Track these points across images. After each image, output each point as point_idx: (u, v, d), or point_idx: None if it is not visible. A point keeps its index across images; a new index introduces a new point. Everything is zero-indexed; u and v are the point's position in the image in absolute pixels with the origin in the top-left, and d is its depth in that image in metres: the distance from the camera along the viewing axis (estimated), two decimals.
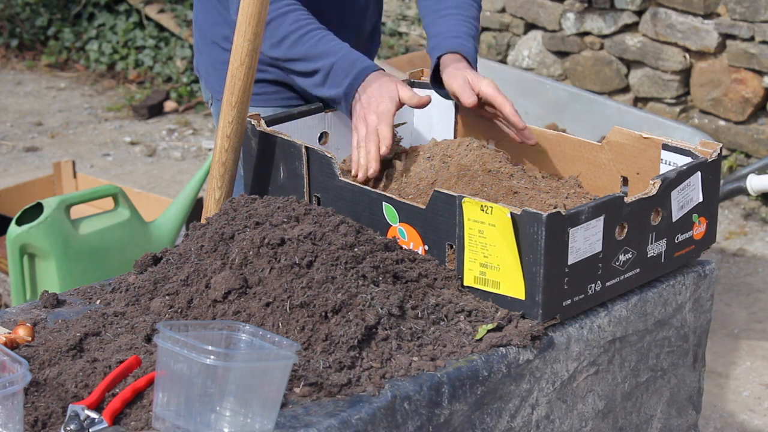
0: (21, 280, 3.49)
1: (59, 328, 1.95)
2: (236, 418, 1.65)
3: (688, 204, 2.13)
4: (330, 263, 1.89)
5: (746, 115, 5.20)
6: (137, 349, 1.85)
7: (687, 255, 2.18)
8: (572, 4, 5.54)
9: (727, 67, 5.19)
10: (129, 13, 7.24)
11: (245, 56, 2.21)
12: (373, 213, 2.12)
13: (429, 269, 2.02)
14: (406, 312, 1.90)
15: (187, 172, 5.83)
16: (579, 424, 2.07)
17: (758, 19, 5.03)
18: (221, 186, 2.28)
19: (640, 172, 2.26)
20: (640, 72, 5.44)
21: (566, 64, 5.70)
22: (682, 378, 2.25)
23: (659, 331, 2.16)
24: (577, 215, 1.94)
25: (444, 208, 2.02)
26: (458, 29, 2.51)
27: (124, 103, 6.74)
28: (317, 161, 2.21)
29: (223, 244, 1.98)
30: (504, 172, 2.25)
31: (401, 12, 6.43)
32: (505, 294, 1.97)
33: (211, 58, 2.69)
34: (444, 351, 1.88)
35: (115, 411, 1.70)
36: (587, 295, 2.01)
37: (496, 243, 1.95)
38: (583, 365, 2.04)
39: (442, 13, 2.56)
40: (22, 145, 6.19)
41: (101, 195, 3.62)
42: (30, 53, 7.46)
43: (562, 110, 4.74)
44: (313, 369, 1.78)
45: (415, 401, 1.80)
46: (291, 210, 2.03)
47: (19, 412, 1.61)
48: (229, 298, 1.89)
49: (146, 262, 2.12)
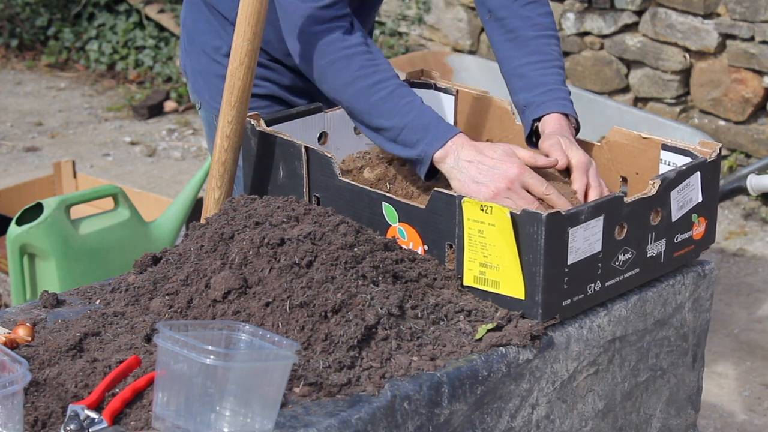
0: (21, 280, 3.49)
1: (59, 328, 1.95)
2: (236, 417, 1.65)
3: (688, 204, 2.14)
4: (330, 263, 1.89)
5: (746, 115, 5.20)
6: (137, 349, 1.86)
7: (686, 255, 2.18)
8: (572, 4, 5.54)
9: (727, 67, 5.19)
10: (129, 13, 7.24)
11: (245, 56, 2.21)
12: (372, 213, 2.12)
13: (429, 269, 2.02)
14: (405, 312, 1.90)
15: (187, 172, 5.83)
16: (579, 423, 2.07)
17: (758, 19, 5.03)
18: (221, 186, 2.28)
19: (640, 172, 2.26)
20: (640, 72, 5.44)
21: (566, 64, 5.70)
22: (681, 378, 2.25)
23: (659, 331, 2.16)
24: (576, 215, 1.94)
25: (444, 207, 2.02)
26: (549, 79, 2.33)
27: (124, 103, 6.74)
28: (317, 161, 2.21)
29: (223, 244, 1.98)
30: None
31: (401, 12, 6.43)
32: (504, 294, 1.98)
33: (200, 67, 2.62)
34: (444, 351, 1.88)
35: (115, 411, 1.70)
36: (587, 295, 2.01)
37: (495, 243, 1.95)
38: (582, 365, 2.04)
39: (524, 60, 2.36)
40: (22, 145, 6.19)
41: (101, 195, 3.62)
42: (30, 53, 7.46)
43: None
44: (313, 369, 1.78)
45: (415, 401, 1.80)
46: (291, 210, 2.03)
47: (19, 412, 1.61)
48: (229, 298, 1.89)
49: (146, 262, 2.12)
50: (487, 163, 2.09)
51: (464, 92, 2.51)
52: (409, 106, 2.17)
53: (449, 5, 6.25)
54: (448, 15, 6.27)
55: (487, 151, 2.11)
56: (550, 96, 2.30)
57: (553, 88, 2.31)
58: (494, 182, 2.08)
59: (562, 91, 2.32)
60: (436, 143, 2.13)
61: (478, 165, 2.10)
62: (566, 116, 2.29)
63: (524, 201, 2.06)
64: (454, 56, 5.05)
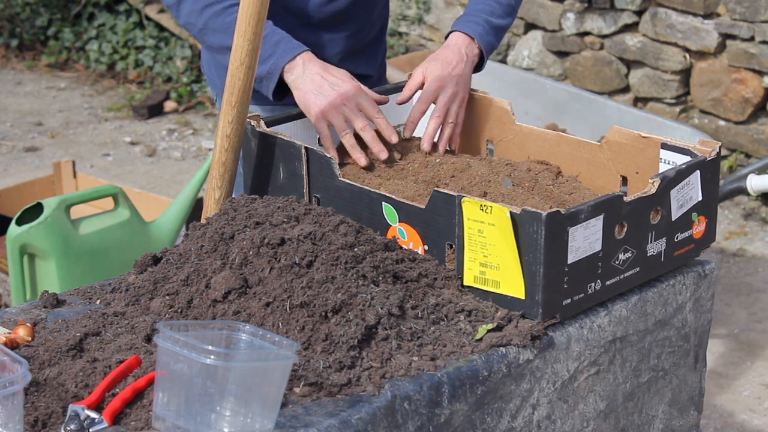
0: (21, 280, 3.49)
1: (59, 328, 1.95)
2: (236, 418, 1.65)
3: (688, 203, 2.14)
4: (330, 263, 1.89)
5: (746, 115, 5.20)
6: (137, 349, 1.85)
7: (687, 254, 2.18)
8: (572, 4, 5.54)
9: (727, 67, 5.19)
10: (129, 13, 7.24)
11: (245, 56, 2.21)
12: (372, 213, 2.12)
13: (429, 269, 2.02)
14: (406, 312, 1.90)
15: (187, 172, 5.83)
16: (580, 424, 2.07)
17: (758, 19, 5.03)
18: (221, 186, 2.28)
19: (640, 172, 2.26)
20: (640, 72, 5.44)
21: (566, 64, 5.70)
22: (683, 378, 2.25)
23: (660, 331, 2.16)
24: (576, 214, 1.94)
25: (443, 207, 2.02)
26: (475, 8, 2.53)
27: (124, 103, 6.74)
28: (317, 162, 2.21)
29: (223, 244, 1.98)
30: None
31: (401, 12, 6.43)
32: (505, 293, 1.97)
33: (214, 60, 2.65)
34: (444, 351, 1.88)
35: (115, 411, 1.70)
36: (587, 294, 2.01)
37: (495, 242, 1.95)
38: (583, 365, 2.04)
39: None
40: (22, 145, 6.19)
41: (101, 195, 3.61)
42: (30, 53, 7.46)
43: (562, 110, 4.74)
44: (313, 369, 1.78)
45: (415, 401, 1.80)
46: (291, 210, 2.03)
47: (19, 412, 1.61)
48: (229, 298, 1.89)
49: (146, 262, 2.12)
50: (329, 80, 2.31)
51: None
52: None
53: (449, 5, 6.25)
54: (448, 15, 6.27)
55: (331, 69, 2.34)
56: (466, 19, 2.51)
57: (473, 14, 2.51)
58: (332, 96, 2.29)
59: (480, 17, 2.50)
60: (286, 56, 2.33)
61: (322, 80, 2.31)
62: (469, 37, 2.48)
63: (355, 118, 2.30)
64: None
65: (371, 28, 2.66)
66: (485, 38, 2.49)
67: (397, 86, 2.53)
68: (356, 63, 2.61)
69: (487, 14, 2.51)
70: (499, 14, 2.53)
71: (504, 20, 2.54)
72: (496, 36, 2.52)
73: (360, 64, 2.62)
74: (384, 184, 2.25)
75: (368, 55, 2.67)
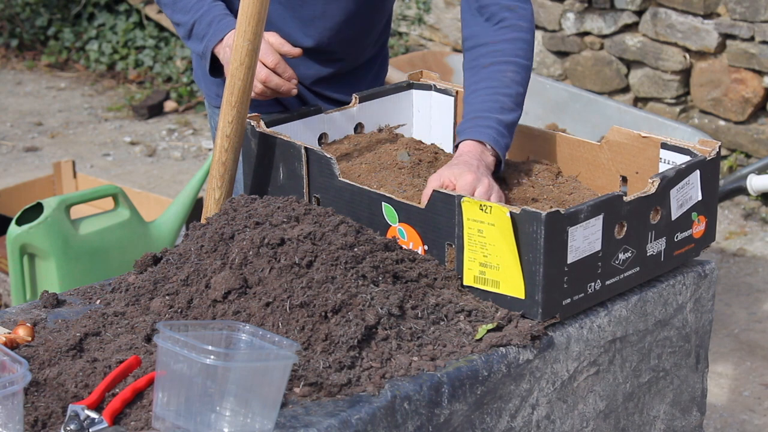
0: (21, 280, 3.49)
1: (59, 328, 1.95)
2: (236, 418, 1.65)
3: (688, 202, 2.14)
4: (330, 263, 1.89)
5: (746, 115, 5.20)
6: (137, 349, 1.85)
7: (686, 253, 2.18)
8: (572, 4, 5.54)
9: (727, 67, 5.19)
10: (129, 13, 7.24)
11: (245, 56, 2.21)
12: (372, 213, 2.12)
13: (429, 269, 2.02)
14: (406, 312, 1.90)
15: (187, 172, 5.83)
16: (580, 424, 2.07)
17: (758, 19, 5.03)
18: (221, 186, 2.28)
19: (639, 171, 2.26)
20: (640, 72, 5.44)
21: (566, 64, 5.70)
22: (684, 379, 2.25)
23: (660, 332, 2.16)
24: (576, 214, 1.94)
25: (443, 207, 2.02)
26: (483, 106, 2.25)
27: (124, 103, 6.74)
28: (317, 162, 2.21)
29: (223, 244, 1.98)
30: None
31: (401, 12, 6.43)
32: (504, 293, 1.97)
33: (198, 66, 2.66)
34: (444, 351, 1.88)
35: (115, 411, 1.70)
36: (587, 294, 2.01)
37: (495, 242, 1.95)
38: (583, 365, 2.04)
39: (473, 88, 2.30)
40: (22, 145, 6.19)
41: (101, 195, 3.62)
42: (30, 53, 7.46)
43: (562, 110, 4.74)
44: (313, 369, 1.78)
45: (415, 401, 1.80)
46: (291, 210, 2.03)
47: (19, 412, 1.61)
48: (229, 298, 1.89)
49: (146, 262, 2.12)
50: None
51: (464, 93, 2.51)
52: (200, 3, 2.42)
53: (449, 5, 6.25)
54: (448, 15, 6.27)
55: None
56: (474, 123, 2.24)
57: (480, 116, 2.24)
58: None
59: (490, 119, 2.23)
60: (215, 37, 2.37)
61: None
62: (482, 144, 2.22)
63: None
64: (454, 56, 5.05)
65: (357, 58, 2.59)
66: (500, 142, 2.22)
67: (397, 86, 2.53)
68: (334, 87, 2.57)
69: (497, 112, 2.24)
70: (509, 108, 2.26)
71: (514, 114, 2.27)
72: (510, 133, 2.25)
73: (338, 88, 2.57)
74: (382, 182, 2.25)
75: (350, 81, 2.59)
